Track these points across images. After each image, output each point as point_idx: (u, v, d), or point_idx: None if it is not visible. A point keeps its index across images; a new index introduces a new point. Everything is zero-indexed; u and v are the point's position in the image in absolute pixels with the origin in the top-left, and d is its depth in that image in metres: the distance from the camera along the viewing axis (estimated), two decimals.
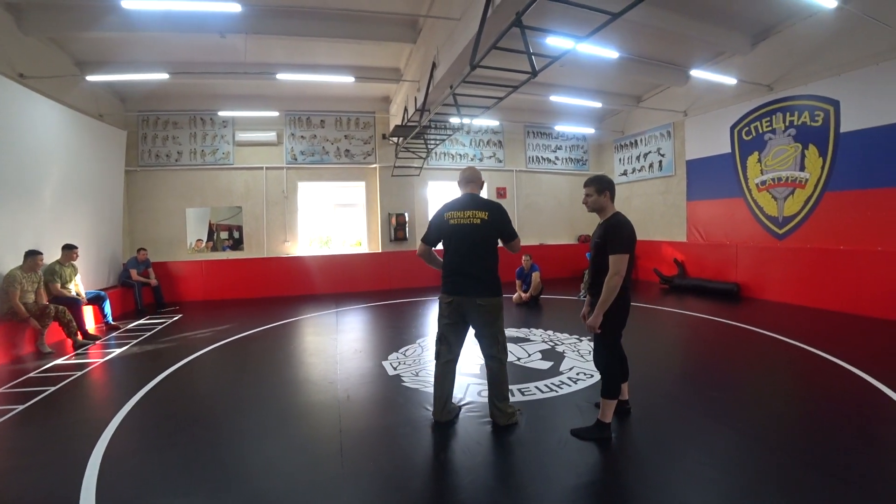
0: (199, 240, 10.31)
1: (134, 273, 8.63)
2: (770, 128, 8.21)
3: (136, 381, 4.54)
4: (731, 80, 8.27)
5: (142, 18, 6.25)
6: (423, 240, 3.48)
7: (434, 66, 6.43)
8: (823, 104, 7.31)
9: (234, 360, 5.44)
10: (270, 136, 10.54)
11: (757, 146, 8.48)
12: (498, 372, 3.33)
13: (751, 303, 8.08)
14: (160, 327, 7.17)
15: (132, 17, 6.18)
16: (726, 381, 4.34)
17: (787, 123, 7.92)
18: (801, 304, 7.61)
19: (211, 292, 9.86)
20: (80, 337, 6.10)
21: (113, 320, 7.22)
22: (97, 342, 6.25)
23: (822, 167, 7.42)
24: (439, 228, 3.41)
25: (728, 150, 9.07)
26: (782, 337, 5.66)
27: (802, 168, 7.73)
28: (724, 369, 4.74)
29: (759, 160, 8.45)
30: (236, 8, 5.70)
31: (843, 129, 7.09)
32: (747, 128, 8.65)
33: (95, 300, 7.06)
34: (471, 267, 3.26)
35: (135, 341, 6.28)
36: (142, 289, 8.64)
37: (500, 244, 3.38)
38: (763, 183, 8.43)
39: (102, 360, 5.42)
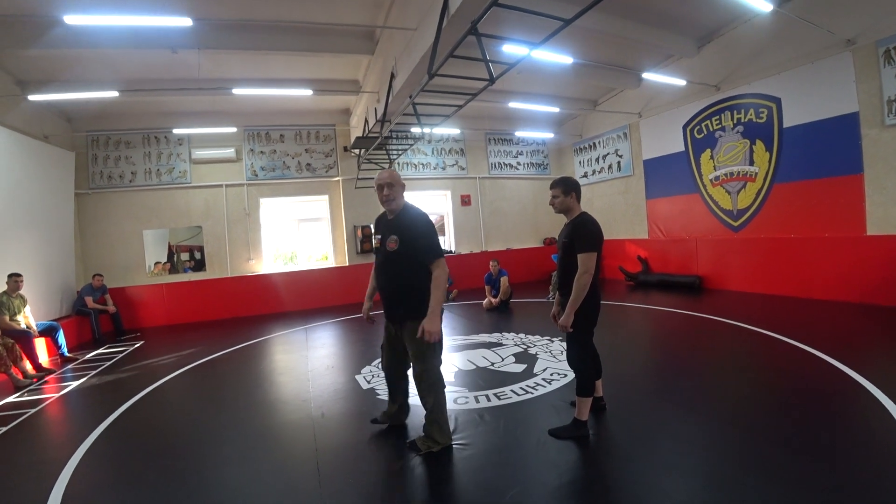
0: (158, 262, 9.93)
1: (89, 300, 8.22)
2: (720, 125, 8.59)
3: (96, 414, 4.31)
4: (680, 82, 8.62)
5: (87, 34, 6.02)
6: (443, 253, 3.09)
7: (393, 76, 6.45)
8: (767, 101, 7.71)
9: (201, 385, 5.24)
10: (229, 152, 10.29)
11: (709, 143, 8.85)
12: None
13: (712, 294, 8.38)
14: (121, 356, 6.84)
15: (77, 34, 5.95)
16: (695, 371, 4.48)
17: (735, 121, 8.31)
18: (758, 291, 7.95)
19: (174, 316, 9.50)
20: (18, 375, 5.60)
21: (69, 352, 6.84)
22: (52, 375, 5.91)
23: (770, 161, 7.81)
24: None
25: (682, 148, 9.43)
26: (743, 324, 5.89)
27: (752, 163, 8.12)
28: (692, 359, 4.89)
29: (712, 157, 8.82)
30: (187, 22, 5.56)
31: (785, 125, 7.49)
32: (698, 126, 9.02)
33: (48, 332, 6.67)
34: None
35: (93, 372, 5.97)
36: (99, 316, 8.23)
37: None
38: (716, 178, 8.80)
39: (58, 395, 5.12)
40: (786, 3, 6.68)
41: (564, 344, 3.47)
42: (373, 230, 3.06)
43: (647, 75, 8.80)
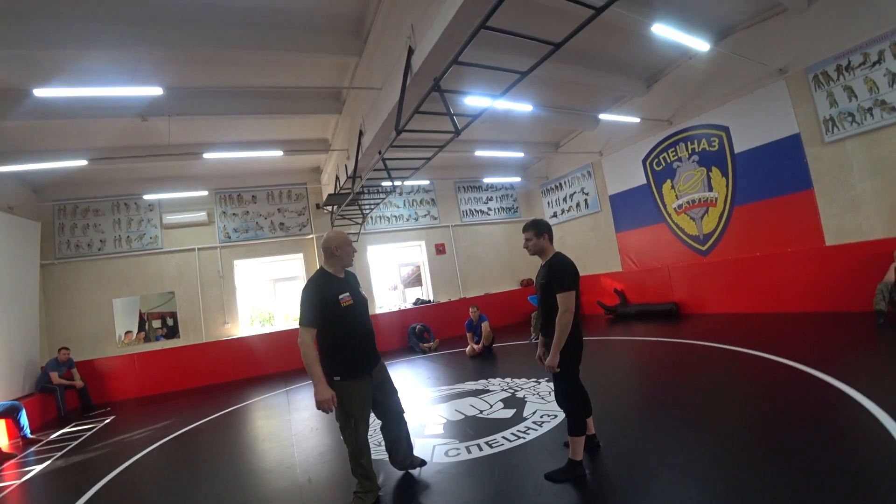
0: (128, 332, 9.58)
1: (55, 376, 7.80)
2: (676, 157, 9.05)
3: (63, 501, 4.02)
4: (634, 120, 9.11)
5: (56, 105, 6.05)
6: None
7: (361, 133, 6.63)
8: (717, 131, 8.22)
9: (178, 459, 4.96)
10: (201, 216, 10.23)
11: (668, 174, 9.28)
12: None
13: (690, 318, 8.54)
14: (89, 433, 6.46)
15: (46, 105, 5.97)
16: (683, 398, 4.50)
17: (690, 151, 8.78)
18: (733, 311, 8.17)
19: (146, 387, 9.08)
20: None
21: (32, 433, 6.43)
22: (13, 461, 5.52)
23: (727, 185, 8.23)
24: None
25: (644, 181, 9.85)
26: (723, 345, 6.01)
27: (710, 189, 8.52)
28: (678, 386, 4.91)
29: (673, 186, 9.23)
30: (158, 91, 5.65)
31: (737, 150, 8.00)
32: (657, 159, 9.47)
33: (9, 412, 6.27)
34: None
35: (59, 453, 5.60)
36: (65, 392, 7.79)
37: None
38: (680, 207, 9.17)
39: (20, 482, 4.76)
40: (721, 41, 7.28)
41: (552, 385, 3.46)
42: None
43: (603, 116, 9.29)
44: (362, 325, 3.20)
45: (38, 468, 5.15)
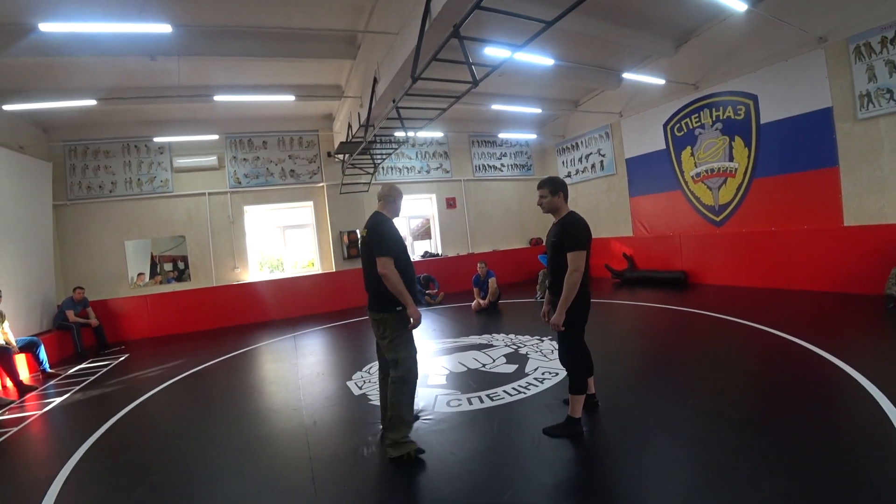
0: (141, 274, 9.75)
1: (71, 314, 8.03)
2: (699, 123, 8.74)
3: (81, 430, 4.21)
4: (659, 81, 8.75)
5: (63, 42, 5.87)
6: None
7: (375, 80, 6.43)
8: (744, 99, 7.87)
9: (189, 398, 5.15)
10: (211, 160, 10.15)
11: (689, 141, 9.00)
12: (392, 393, 3.11)
13: (697, 288, 8.51)
14: (105, 370, 6.71)
15: (52, 42, 5.79)
16: (684, 365, 4.54)
17: (713, 118, 8.46)
18: (742, 284, 8.10)
19: (159, 328, 9.33)
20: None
21: (50, 367, 6.69)
22: (34, 392, 5.76)
23: (748, 156, 7.97)
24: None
25: (663, 146, 9.57)
26: (729, 317, 6.00)
27: (731, 159, 8.27)
28: (680, 354, 4.96)
29: (692, 154, 8.97)
30: (166, 29, 5.48)
31: (763, 121, 7.67)
32: (678, 124, 9.17)
33: (28, 347, 6.51)
34: (367, 283, 3.26)
35: (77, 388, 5.84)
36: (81, 330, 8.04)
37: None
38: (698, 175, 8.95)
39: (41, 412, 4.99)
40: (760, 3, 6.82)
41: (555, 343, 3.49)
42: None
43: (626, 75, 8.92)
44: (411, 265, 3.31)
45: (57, 400, 5.37)
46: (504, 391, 4.12)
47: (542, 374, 4.48)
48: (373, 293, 3.20)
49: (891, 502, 2.12)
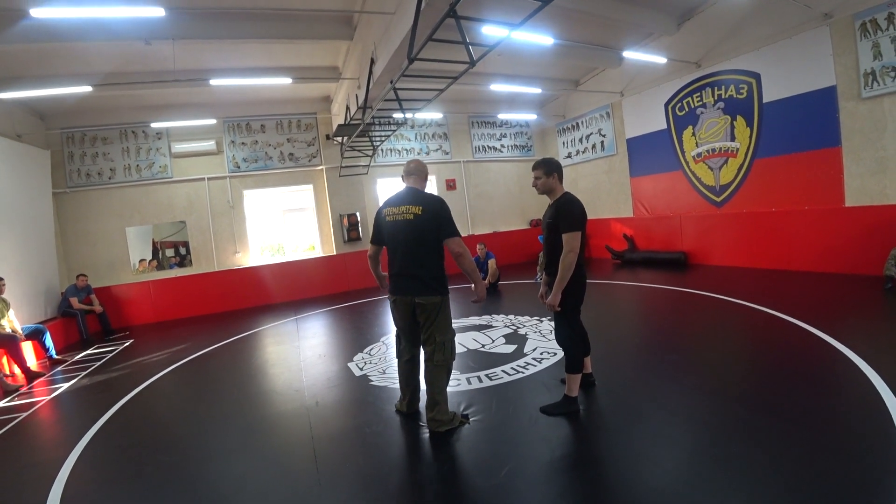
0: (143, 260, 9.80)
1: (75, 301, 8.10)
2: (701, 102, 8.65)
3: (89, 414, 4.30)
4: (661, 60, 8.63)
5: (56, 28, 5.81)
6: (371, 240, 3.45)
7: (373, 61, 6.36)
8: (746, 77, 7.77)
9: (193, 380, 5.24)
10: (209, 145, 10.12)
11: (690, 120, 8.92)
12: (430, 375, 3.13)
13: (697, 269, 8.52)
14: (110, 355, 6.80)
15: (45, 27, 5.73)
16: (682, 344, 4.58)
17: (715, 97, 8.36)
18: (742, 265, 8.11)
19: (162, 313, 9.42)
20: (7, 379, 5.61)
21: (57, 353, 6.77)
22: (42, 378, 5.86)
23: (750, 136, 7.90)
24: (380, 226, 3.31)
25: (664, 126, 9.49)
26: (728, 297, 6.02)
27: (733, 138, 8.20)
28: (678, 333, 5.00)
29: (694, 133, 8.89)
30: (160, 13, 5.42)
31: (765, 100, 7.57)
32: (680, 104, 9.07)
33: (34, 335, 6.59)
34: (408, 265, 3.13)
35: (84, 373, 5.93)
36: (85, 317, 8.12)
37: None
38: (699, 155, 8.88)
39: (50, 397, 5.08)
40: None
41: (553, 323, 3.52)
42: None
43: (627, 54, 8.78)
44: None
45: (65, 385, 5.46)
46: (503, 371, 4.18)
47: (541, 354, 4.54)
48: (420, 276, 3.11)
49: (881, 476, 2.17)
